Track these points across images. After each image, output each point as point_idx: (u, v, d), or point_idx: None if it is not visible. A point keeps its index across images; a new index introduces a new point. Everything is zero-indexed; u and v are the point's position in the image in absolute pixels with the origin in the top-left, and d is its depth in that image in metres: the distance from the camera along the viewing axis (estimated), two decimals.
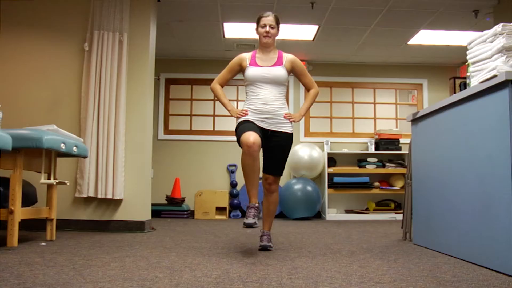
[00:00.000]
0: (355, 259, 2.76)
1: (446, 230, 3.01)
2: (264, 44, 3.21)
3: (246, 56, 3.27)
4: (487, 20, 5.14)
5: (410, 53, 6.68)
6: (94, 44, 4.37)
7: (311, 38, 6.09)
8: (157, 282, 2.06)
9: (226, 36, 6.06)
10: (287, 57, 3.25)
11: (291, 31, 5.82)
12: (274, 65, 3.19)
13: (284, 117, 3.16)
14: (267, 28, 3.17)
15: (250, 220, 2.87)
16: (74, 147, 3.43)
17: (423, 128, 3.46)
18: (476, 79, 2.62)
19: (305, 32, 5.88)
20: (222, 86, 3.33)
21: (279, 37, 3.30)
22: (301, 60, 3.35)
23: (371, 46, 6.43)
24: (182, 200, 6.48)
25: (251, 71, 3.17)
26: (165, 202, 6.48)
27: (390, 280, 2.15)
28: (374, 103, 7.24)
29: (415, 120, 3.59)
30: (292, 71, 3.28)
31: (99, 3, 4.44)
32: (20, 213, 3.09)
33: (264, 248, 3.13)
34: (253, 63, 3.21)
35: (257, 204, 2.96)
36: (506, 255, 2.30)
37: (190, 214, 6.61)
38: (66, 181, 3.51)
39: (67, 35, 4.51)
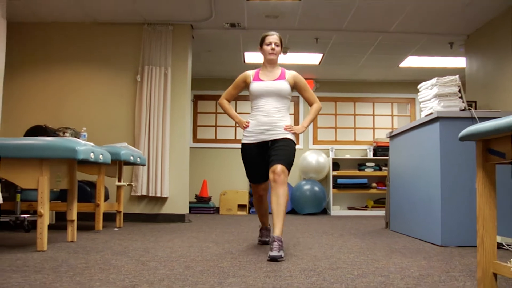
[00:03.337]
0: (341, 238, 3.95)
1: (407, 218, 4.17)
2: (270, 61, 3.33)
3: (250, 73, 3.42)
4: (461, 50, 6.25)
5: (402, 73, 7.81)
6: (144, 77, 5.61)
7: (317, 63, 7.25)
8: (210, 248, 3.26)
9: (246, 61, 7.26)
10: (290, 73, 3.36)
11: (300, 58, 7.00)
12: (277, 79, 3.29)
13: (285, 129, 3.22)
14: (273, 45, 3.29)
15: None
16: (138, 158, 4.67)
17: (396, 143, 4.62)
18: (424, 113, 3.77)
19: (312, 58, 7.05)
20: (229, 102, 3.54)
21: (290, 61, 3.55)
22: (310, 79, 3.60)
23: (369, 68, 7.57)
24: (209, 199, 7.68)
25: (255, 86, 3.30)
26: (195, 200, 7.67)
27: (358, 248, 3.33)
28: (373, 115, 8.39)
29: (392, 137, 4.75)
30: (295, 86, 3.35)
31: (148, 44, 5.68)
32: (103, 206, 4.34)
33: (273, 259, 2.67)
34: (257, 78, 3.34)
35: (269, 227, 3.45)
36: (436, 232, 3.46)
37: (216, 210, 7.81)
38: (132, 183, 4.75)
39: (123, 69, 5.76)
